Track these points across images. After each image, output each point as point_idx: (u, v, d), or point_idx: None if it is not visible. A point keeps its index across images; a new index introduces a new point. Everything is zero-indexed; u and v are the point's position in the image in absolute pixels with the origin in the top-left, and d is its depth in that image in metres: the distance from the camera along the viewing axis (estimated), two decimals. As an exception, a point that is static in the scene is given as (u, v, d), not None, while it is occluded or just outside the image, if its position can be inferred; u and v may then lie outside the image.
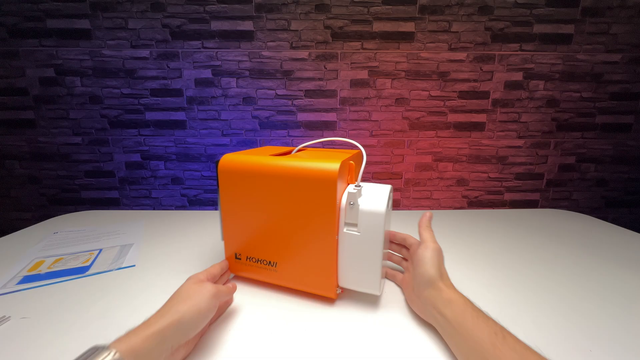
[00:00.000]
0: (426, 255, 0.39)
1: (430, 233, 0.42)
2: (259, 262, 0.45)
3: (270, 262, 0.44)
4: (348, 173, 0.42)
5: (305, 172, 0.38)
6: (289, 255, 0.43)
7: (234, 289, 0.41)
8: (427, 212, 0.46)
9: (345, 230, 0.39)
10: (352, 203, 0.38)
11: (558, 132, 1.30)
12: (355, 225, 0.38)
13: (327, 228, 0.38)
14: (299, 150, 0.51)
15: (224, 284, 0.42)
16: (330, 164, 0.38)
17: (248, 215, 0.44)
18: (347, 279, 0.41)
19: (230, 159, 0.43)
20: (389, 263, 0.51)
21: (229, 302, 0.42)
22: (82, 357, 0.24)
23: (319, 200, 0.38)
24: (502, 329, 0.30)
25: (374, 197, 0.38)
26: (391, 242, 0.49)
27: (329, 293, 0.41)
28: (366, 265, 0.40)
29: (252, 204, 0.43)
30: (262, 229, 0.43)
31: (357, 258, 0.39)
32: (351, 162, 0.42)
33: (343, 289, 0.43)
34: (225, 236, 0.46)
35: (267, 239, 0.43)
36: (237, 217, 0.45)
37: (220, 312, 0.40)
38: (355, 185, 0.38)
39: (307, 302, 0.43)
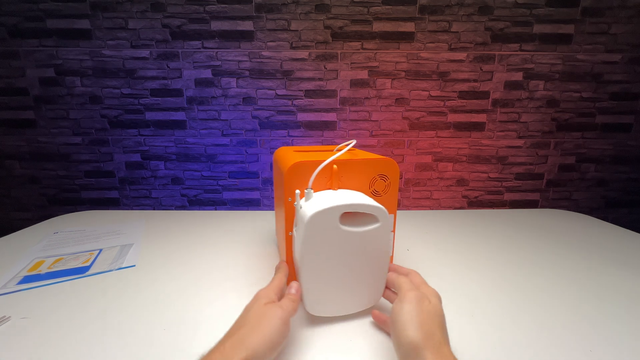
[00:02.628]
0: (402, 310, 0.28)
1: (404, 279, 0.33)
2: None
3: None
4: (323, 176, 0.40)
5: (283, 168, 0.42)
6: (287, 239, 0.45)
7: (297, 299, 0.34)
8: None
9: (294, 229, 0.39)
10: (296, 204, 0.38)
11: (558, 132, 1.30)
12: (296, 226, 0.38)
13: (281, 224, 0.42)
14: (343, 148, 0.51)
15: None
16: (291, 163, 0.39)
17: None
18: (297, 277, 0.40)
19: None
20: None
21: None
22: None
23: (286, 196, 0.40)
24: None
25: (321, 204, 0.35)
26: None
27: None
28: (298, 273, 0.37)
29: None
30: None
31: (295, 262, 0.39)
32: (334, 166, 0.40)
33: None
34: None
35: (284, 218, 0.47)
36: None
37: None
38: (307, 189, 0.38)
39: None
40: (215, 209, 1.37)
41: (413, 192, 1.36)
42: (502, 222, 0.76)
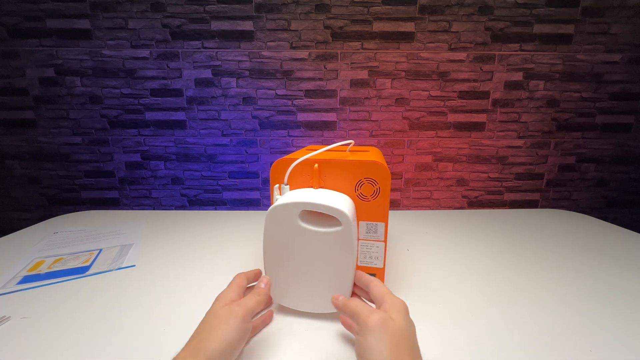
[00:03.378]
0: (367, 344, 0.25)
1: (356, 302, 0.30)
2: None
3: None
4: (306, 174, 0.42)
5: None
6: None
7: (264, 293, 0.34)
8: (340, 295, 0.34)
9: None
10: (274, 198, 0.40)
11: (558, 132, 1.30)
12: None
13: None
14: (351, 150, 0.52)
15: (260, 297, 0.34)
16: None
17: None
18: None
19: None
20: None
21: (266, 320, 0.38)
22: None
23: (272, 191, 0.43)
24: None
25: (284, 200, 0.36)
26: (356, 285, 0.39)
27: None
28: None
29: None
30: None
31: None
32: (316, 165, 0.40)
33: None
34: None
35: None
36: None
37: (255, 332, 0.37)
38: (283, 185, 0.40)
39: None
40: (215, 209, 1.37)
41: (413, 192, 1.36)
42: (502, 222, 0.76)
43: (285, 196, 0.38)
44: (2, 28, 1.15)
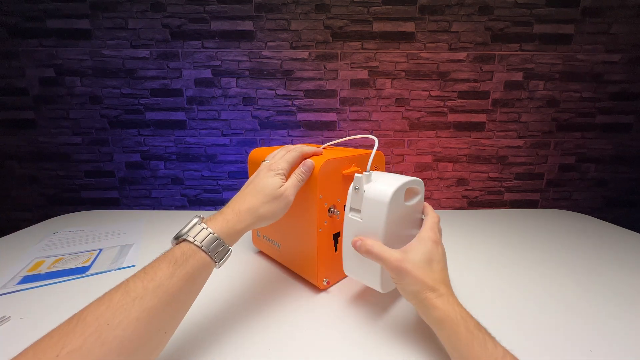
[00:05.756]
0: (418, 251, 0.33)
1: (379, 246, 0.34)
2: (269, 240, 0.52)
3: (276, 242, 0.50)
4: (342, 170, 0.43)
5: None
6: (287, 239, 0.48)
7: (293, 158, 0.39)
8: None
9: (350, 215, 0.38)
10: (357, 188, 0.37)
11: (558, 132, 1.30)
12: (359, 211, 0.37)
13: (310, 221, 0.42)
14: (324, 148, 0.51)
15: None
16: (317, 160, 0.41)
17: None
18: (350, 268, 0.40)
19: (255, 152, 0.52)
20: None
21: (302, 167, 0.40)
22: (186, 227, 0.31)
23: (306, 194, 0.41)
24: (504, 354, 0.26)
25: (386, 185, 0.35)
26: None
27: (315, 282, 0.44)
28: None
29: None
30: None
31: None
32: (354, 163, 0.44)
33: (330, 282, 0.45)
34: None
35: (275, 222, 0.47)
36: None
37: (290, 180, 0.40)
38: (366, 172, 0.37)
39: (302, 285, 0.46)
40: (216, 209, 1.36)
41: (413, 192, 1.36)
42: (502, 222, 0.76)
43: (383, 183, 0.36)
44: (2, 28, 1.15)
